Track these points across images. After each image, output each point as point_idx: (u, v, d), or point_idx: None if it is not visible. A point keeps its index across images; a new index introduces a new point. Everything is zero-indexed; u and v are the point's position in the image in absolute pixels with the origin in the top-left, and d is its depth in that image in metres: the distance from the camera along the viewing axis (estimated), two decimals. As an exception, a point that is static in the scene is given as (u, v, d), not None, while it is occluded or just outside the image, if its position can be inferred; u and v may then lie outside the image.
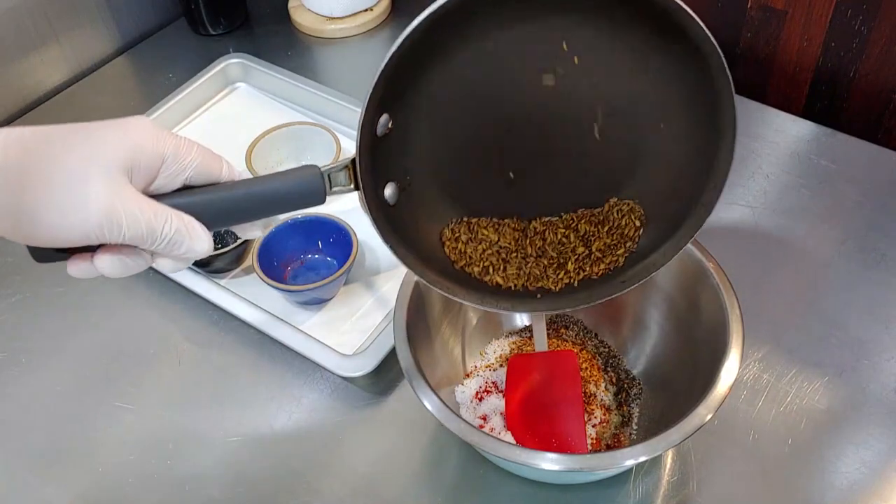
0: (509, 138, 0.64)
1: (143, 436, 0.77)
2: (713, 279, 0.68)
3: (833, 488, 0.71)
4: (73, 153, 0.49)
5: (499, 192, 0.66)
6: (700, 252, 0.70)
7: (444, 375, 0.73)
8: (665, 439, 0.59)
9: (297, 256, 0.88)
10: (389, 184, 0.62)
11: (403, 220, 0.62)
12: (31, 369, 0.82)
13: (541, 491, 0.71)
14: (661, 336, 0.75)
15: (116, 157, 0.50)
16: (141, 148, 0.51)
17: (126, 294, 0.88)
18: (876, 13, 0.96)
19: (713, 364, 0.64)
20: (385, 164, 0.60)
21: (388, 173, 0.62)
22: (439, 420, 0.61)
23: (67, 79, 1.14)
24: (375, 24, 1.21)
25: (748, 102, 1.04)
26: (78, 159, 0.49)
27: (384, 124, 0.59)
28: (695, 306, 0.70)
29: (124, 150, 0.50)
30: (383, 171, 0.61)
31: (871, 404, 0.76)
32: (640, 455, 0.59)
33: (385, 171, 0.61)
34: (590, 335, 0.80)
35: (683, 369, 0.71)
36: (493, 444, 0.60)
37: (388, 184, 0.62)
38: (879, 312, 0.83)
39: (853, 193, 0.94)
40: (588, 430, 0.72)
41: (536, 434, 0.70)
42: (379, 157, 0.59)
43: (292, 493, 0.73)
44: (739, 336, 0.64)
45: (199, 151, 0.53)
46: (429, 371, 0.65)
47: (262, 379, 0.80)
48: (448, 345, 0.75)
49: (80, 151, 0.49)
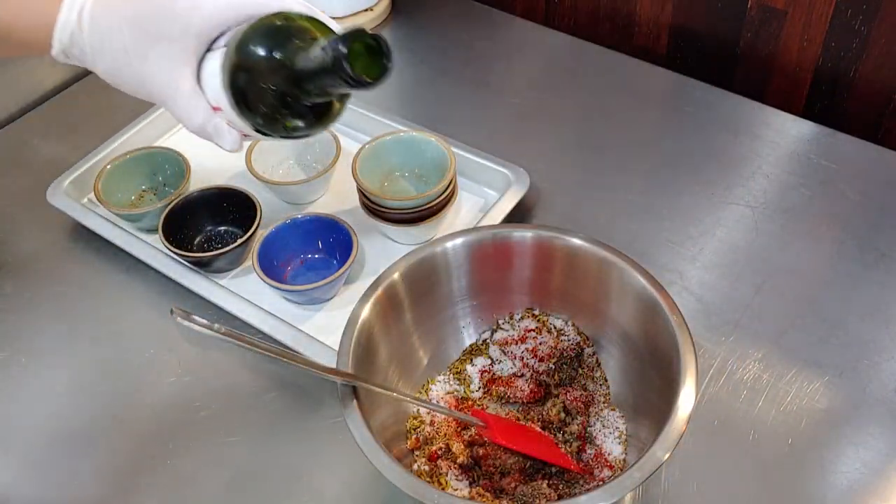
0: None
1: (143, 435, 0.77)
2: (665, 313, 0.67)
3: (833, 488, 0.71)
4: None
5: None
6: (653, 287, 0.69)
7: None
8: (623, 482, 0.58)
9: (297, 256, 0.88)
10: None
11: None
12: (32, 369, 0.82)
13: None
14: (620, 369, 0.75)
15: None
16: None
17: (126, 294, 0.88)
18: (876, 13, 0.96)
19: (670, 399, 0.62)
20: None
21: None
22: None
23: (67, 79, 1.14)
24: (375, 23, 1.21)
25: (748, 102, 1.04)
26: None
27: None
28: (651, 340, 0.69)
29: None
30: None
31: (871, 404, 0.76)
32: (598, 501, 0.57)
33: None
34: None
35: (647, 402, 0.70)
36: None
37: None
38: (879, 312, 0.83)
39: (853, 193, 0.94)
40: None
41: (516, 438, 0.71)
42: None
43: (292, 492, 0.73)
44: (693, 367, 0.63)
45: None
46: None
47: (262, 379, 0.80)
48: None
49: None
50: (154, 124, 1.02)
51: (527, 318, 0.78)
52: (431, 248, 0.73)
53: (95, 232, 0.91)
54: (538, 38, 1.18)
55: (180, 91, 0.61)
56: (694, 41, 1.12)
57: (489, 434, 0.70)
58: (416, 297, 0.73)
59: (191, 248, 0.89)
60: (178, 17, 0.59)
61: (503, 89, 1.10)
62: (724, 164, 0.98)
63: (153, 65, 0.60)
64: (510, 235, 0.74)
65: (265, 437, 0.76)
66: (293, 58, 0.56)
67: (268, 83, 0.57)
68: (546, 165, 0.97)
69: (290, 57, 0.56)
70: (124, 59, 0.60)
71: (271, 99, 0.58)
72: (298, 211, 0.93)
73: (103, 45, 0.60)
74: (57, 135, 1.06)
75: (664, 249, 0.90)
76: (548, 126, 1.05)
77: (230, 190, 0.90)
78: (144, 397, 0.80)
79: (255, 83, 0.58)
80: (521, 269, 0.75)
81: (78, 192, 0.95)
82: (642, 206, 0.94)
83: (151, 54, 0.60)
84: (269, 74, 0.57)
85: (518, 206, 0.90)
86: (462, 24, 1.20)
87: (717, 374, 0.79)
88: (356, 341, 0.67)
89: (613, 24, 1.18)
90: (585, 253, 0.72)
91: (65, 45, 0.61)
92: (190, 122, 0.62)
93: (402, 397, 0.68)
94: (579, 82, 1.11)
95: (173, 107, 0.62)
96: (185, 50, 0.60)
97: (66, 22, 0.60)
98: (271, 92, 0.58)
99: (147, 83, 0.61)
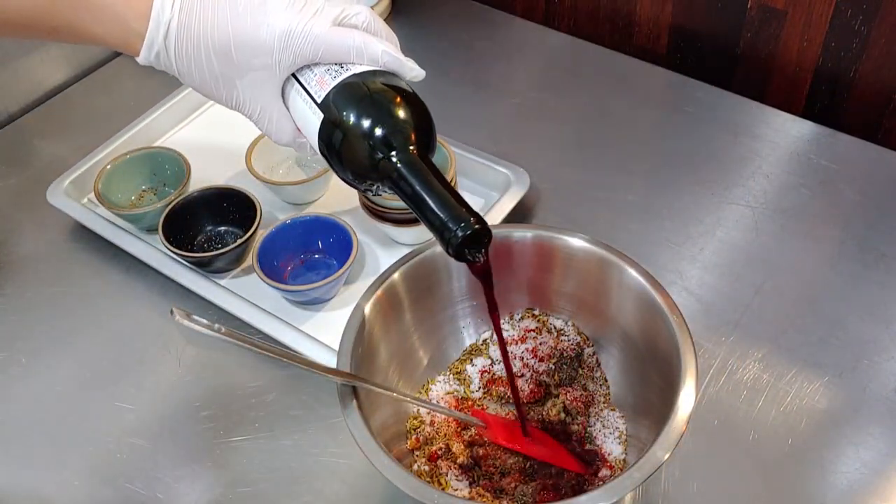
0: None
1: (143, 435, 0.77)
2: (665, 313, 0.67)
3: (833, 488, 0.71)
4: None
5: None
6: (653, 287, 0.68)
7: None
8: (623, 482, 0.58)
9: (297, 256, 0.88)
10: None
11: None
12: (32, 369, 0.83)
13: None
14: (620, 369, 0.75)
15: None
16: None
17: (126, 294, 0.88)
18: (876, 13, 0.96)
19: (670, 399, 0.62)
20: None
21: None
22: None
23: (67, 79, 1.14)
24: (375, 24, 1.20)
25: (748, 102, 1.04)
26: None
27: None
28: (651, 340, 0.69)
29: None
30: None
31: (871, 404, 0.76)
32: (598, 501, 0.57)
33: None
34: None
35: (647, 402, 0.69)
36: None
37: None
38: (879, 312, 0.83)
39: (853, 193, 0.94)
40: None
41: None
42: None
43: (292, 492, 0.73)
44: (693, 367, 0.63)
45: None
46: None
47: (262, 379, 0.80)
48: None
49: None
50: (154, 124, 1.02)
51: (527, 318, 0.78)
52: (431, 248, 0.73)
53: (95, 232, 0.91)
54: (538, 38, 1.18)
55: (269, 117, 0.63)
56: (694, 41, 1.12)
57: (489, 434, 0.70)
58: (416, 297, 0.73)
59: (191, 248, 0.89)
60: (265, 48, 0.59)
61: (503, 89, 1.10)
62: (724, 164, 0.98)
63: (241, 93, 0.62)
64: (510, 235, 0.74)
65: (265, 437, 0.76)
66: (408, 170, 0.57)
67: (373, 178, 0.59)
68: (546, 165, 0.97)
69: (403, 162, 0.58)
70: (212, 83, 0.62)
71: (358, 172, 0.60)
72: (298, 211, 0.93)
73: (190, 70, 0.61)
74: (57, 135, 1.06)
75: (664, 249, 0.90)
76: (548, 126, 1.05)
77: (230, 190, 0.90)
78: (144, 397, 0.80)
79: (349, 158, 0.60)
80: (521, 269, 0.75)
81: (78, 192, 0.95)
82: (642, 206, 0.94)
83: (239, 83, 0.61)
84: (380, 171, 0.58)
85: (518, 206, 0.90)
86: (462, 24, 1.20)
87: (717, 374, 0.79)
88: (356, 341, 0.67)
89: (613, 24, 1.18)
90: (585, 253, 0.72)
91: (152, 61, 0.62)
92: (277, 140, 0.65)
93: (402, 397, 0.68)
94: (579, 82, 1.11)
95: (262, 126, 0.64)
96: (272, 79, 0.61)
97: (152, 42, 0.61)
98: (369, 173, 0.59)
99: (236, 104, 0.63)
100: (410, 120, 0.59)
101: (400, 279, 0.71)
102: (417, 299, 0.73)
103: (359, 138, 0.58)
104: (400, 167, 0.57)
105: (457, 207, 0.56)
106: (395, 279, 0.71)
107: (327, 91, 0.60)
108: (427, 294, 0.74)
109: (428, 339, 0.76)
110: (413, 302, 0.73)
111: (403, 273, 0.71)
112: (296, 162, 0.98)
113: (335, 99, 0.59)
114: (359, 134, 0.58)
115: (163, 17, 0.60)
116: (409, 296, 0.73)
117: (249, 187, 0.90)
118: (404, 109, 0.59)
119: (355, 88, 0.59)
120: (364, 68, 0.60)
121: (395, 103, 0.59)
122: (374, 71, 0.61)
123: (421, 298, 0.74)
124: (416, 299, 0.73)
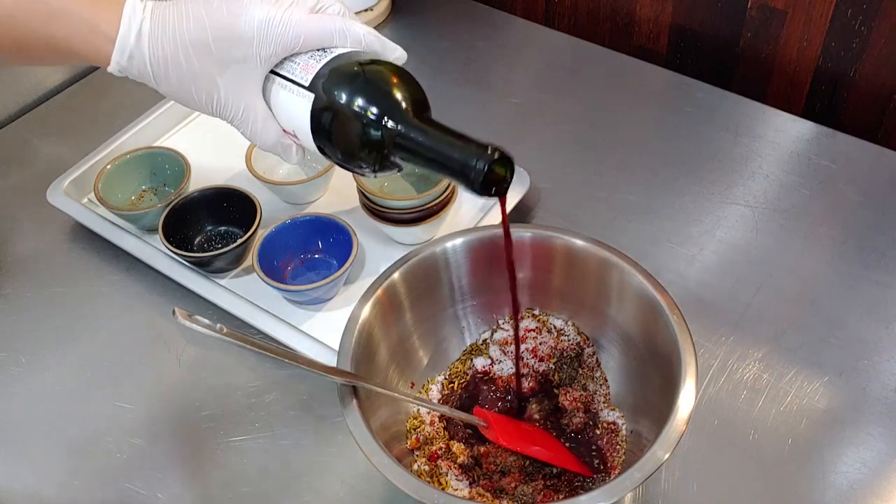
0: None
1: (143, 435, 0.77)
2: (665, 313, 0.67)
3: (833, 488, 0.71)
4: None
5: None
6: (653, 287, 0.69)
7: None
8: (623, 482, 0.58)
9: (297, 256, 0.88)
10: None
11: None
12: (32, 369, 0.83)
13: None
14: (620, 369, 0.75)
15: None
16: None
17: (126, 294, 0.88)
18: (876, 13, 0.96)
19: (670, 399, 0.62)
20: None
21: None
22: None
23: (67, 79, 1.14)
24: (375, 23, 1.20)
25: (748, 102, 1.04)
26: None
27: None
28: (651, 340, 0.69)
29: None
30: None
31: (871, 404, 0.76)
32: (598, 501, 0.57)
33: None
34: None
35: (647, 402, 0.70)
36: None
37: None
38: (879, 312, 0.83)
39: (853, 193, 0.94)
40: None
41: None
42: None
43: (292, 492, 0.73)
44: (693, 367, 0.63)
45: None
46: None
47: (263, 379, 0.80)
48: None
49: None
50: (154, 124, 1.02)
51: (527, 318, 0.78)
52: (431, 248, 0.73)
53: (95, 232, 0.91)
54: (538, 38, 1.18)
55: (254, 117, 0.61)
56: (694, 41, 1.12)
57: (490, 434, 0.70)
58: (416, 297, 0.73)
59: (191, 248, 0.89)
60: (244, 38, 0.58)
61: (503, 89, 1.10)
62: (724, 164, 0.98)
63: (222, 92, 0.60)
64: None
65: (265, 437, 0.76)
66: (415, 136, 0.58)
67: (365, 148, 0.59)
68: (546, 165, 0.97)
69: (410, 130, 0.58)
70: (191, 84, 0.60)
71: (359, 149, 0.59)
72: (298, 211, 0.93)
73: (167, 72, 0.59)
74: (57, 135, 1.06)
75: (664, 249, 0.90)
76: (548, 126, 1.05)
77: (230, 190, 0.90)
78: (144, 397, 0.80)
79: (348, 136, 0.59)
80: (520, 269, 0.75)
81: (78, 192, 0.95)
82: (642, 206, 0.94)
83: (220, 80, 0.60)
84: (375, 143, 0.58)
85: (518, 206, 0.90)
86: (462, 24, 1.20)
87: (717, 374, 0.79)
88: (356, 341, 0.67)
89: (613, 24, 1.18)
90: (585, 253, 0.72)
91: (125, 66, 0.60)
92: (261, 143, 0.63)
93: (402, 397, 0.68)
94: (579, 82, 1.11)
95: (245, 129, 0.62)
96: (253, 73, 0.60)
97: (124, 45, 0.58)
98: (367, 148, 0.59)
99: (216, 105, 0.61)
100: (404, 86, 0.59)
101: (400, 279, 0.71)
102: (417, 299, 0.73)
103: (356, 112, 0.58)
104: (402, 129, 0.57)
105: (470, 145, 0.57)
106: (395, 279, 0.71)
107: (315, 72, 0.60)
108: (427, 294, 0.74)
109: (428, 338, 0.76)
110: (413, 302, 0.73)
111: (403, 273, 0.72)
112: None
113: (327, 79, 0.59)
114: (356, 107, 0.58)
115: (134, 18, 0.58)
116: (409, 296, 0.73)
117: (249, 187, 0.90)
118: (397, 77, 0.60)
119: (346, 66, 0.59)
120: (347, 50, 0.61)
121: (388, 73, 0.60)
122: (358, 52, 0.61)
123: (421, 298, 0.74)
124: (416, 299, 0.73)
